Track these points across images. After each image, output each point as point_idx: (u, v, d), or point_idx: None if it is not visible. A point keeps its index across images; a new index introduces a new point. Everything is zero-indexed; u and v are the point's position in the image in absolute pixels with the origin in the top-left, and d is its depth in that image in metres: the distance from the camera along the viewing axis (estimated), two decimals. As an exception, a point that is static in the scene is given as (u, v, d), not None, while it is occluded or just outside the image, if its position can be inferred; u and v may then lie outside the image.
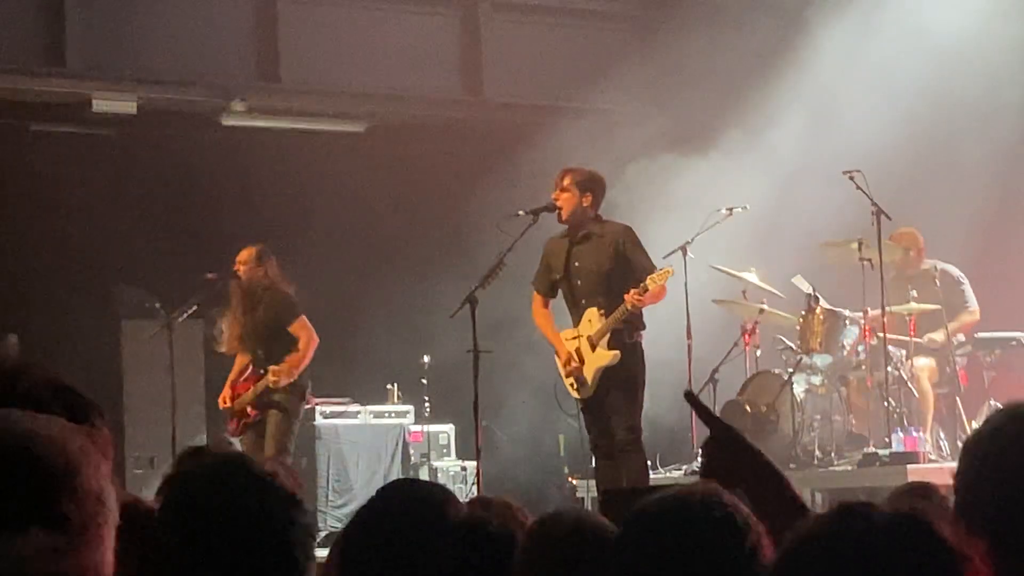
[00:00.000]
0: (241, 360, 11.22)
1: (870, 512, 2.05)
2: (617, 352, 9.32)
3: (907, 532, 2.01)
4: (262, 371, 10.93)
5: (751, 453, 2.80)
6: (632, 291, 9.17)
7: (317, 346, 11.15)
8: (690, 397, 2.97)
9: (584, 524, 3.25)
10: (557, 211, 9.55)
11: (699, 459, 2.94)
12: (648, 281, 9.15)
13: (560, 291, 9.72)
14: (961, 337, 11.64)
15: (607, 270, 9.45)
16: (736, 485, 2.75)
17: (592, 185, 9.53)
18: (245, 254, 11.21)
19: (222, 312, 11.44)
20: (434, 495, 3.67)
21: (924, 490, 5.10)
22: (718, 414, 11.58)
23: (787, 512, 2.61)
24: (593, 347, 9.41)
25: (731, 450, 2.81)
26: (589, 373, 9.44)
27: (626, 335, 9.40)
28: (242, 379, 11.15)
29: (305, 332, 10.99)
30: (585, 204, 9.50)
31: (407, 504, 3.57)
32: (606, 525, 3.16)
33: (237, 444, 11.52)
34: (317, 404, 12.67)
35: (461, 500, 3.88)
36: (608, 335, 9.35)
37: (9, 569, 1.74)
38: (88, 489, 1.79)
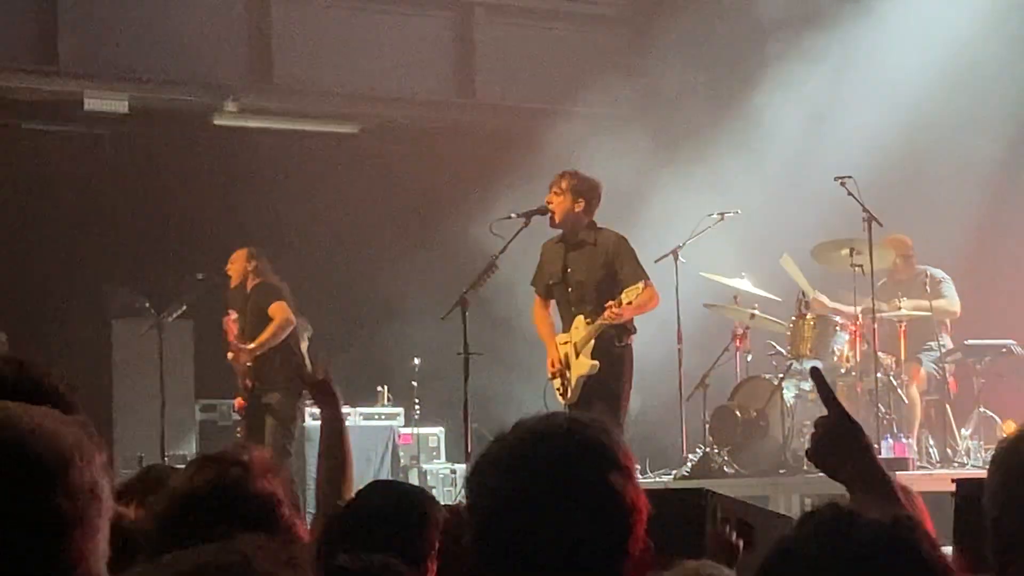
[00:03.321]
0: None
1: (853, 519, 2.04)
2: (596, 363, 9.31)
3: (893, 541, 2.00)
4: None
5: (862, 449, 2.75)
6: (610, 303, 9.18)
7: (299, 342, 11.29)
8: (815, 375, 2.91)
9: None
10: (549, 215, 9.54)
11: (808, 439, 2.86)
12: (623, 295, 9.15)
13: (554, 295, 9.72)
14: (949, 343, 11.65)
15: (598, 279, 9.43)
16: (838, 476, 2.73)
17: (587, 191, 9.49)
18: (236, 254, 11.28)
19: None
20: (413, 497, 3.68)
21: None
22: (708, 419, 11.46)
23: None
24: (577, 354, 9.42)
25: (842, 441, 2.76)
26: (572, 379, 9.46)
27: (615, 340, 9.39)
28: None
29: (280, 312, 11.03)
30: (578, 209, 9.47)
31: (386, 505, 3.58)
32: None
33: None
34: (307, 406, 12.65)
35: (450, 503, 3.88)
36: (592, 342, 9.34)
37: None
38: (81, 482, 1.80)
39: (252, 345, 10.98)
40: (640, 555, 2.33)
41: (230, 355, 11.09)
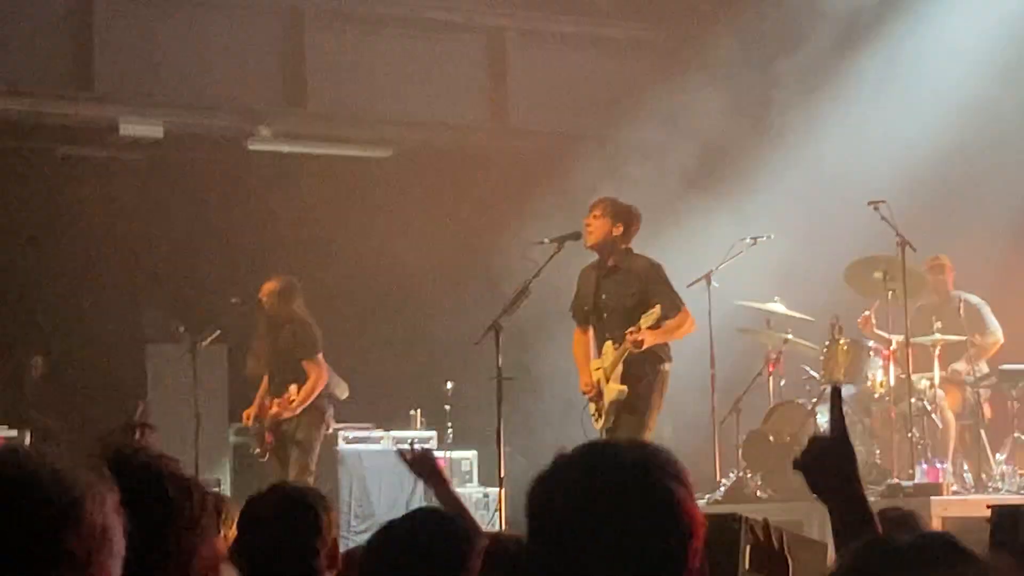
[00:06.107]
0: (266, 380, 11.38)
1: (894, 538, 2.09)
2: (624, 388, 9.33)
3: (936, 548, 2.05)
4: (276, 398, 11.11)
5: (852, 476, 2.77)
6: (630, 330, 9.19)
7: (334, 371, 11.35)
8: (835, 393, 2.90)
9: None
10: (582, 238, 9.55)
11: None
12: (641, 320, 9.18)
13: (590, 321, 9.74)
14: (985, 368, 11.59)
15: (629, 306, 9.45)
16: (822, 494, 2.75)
17: (625, 217, 9.53)
18: (269, 286, 11.29)
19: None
20: (456, 524, 3.68)
21: (899, 516, 5.07)
22: (741, 443, 11.42)
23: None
24: (608, 380, 9.43)
25: (836, 463, 2.78)
26: (604, 405, 9.48)
27: (647, 366, 9.39)
28: (267, 398, 11.33)
29: (315, 370, 11.12)
30: (616, 234, 9.49)
31: (429, 531, 3.59)
32: None
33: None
34: (339, 429, 12.67)
35: (483, 527, 3.88)
36: (621, 367, 9.35)
37: None
38: (92, 524, 1.80)
39: (295, 404, 11.08)
40: (699, 570, 2.34)
41: (274, 410, 11.14)
